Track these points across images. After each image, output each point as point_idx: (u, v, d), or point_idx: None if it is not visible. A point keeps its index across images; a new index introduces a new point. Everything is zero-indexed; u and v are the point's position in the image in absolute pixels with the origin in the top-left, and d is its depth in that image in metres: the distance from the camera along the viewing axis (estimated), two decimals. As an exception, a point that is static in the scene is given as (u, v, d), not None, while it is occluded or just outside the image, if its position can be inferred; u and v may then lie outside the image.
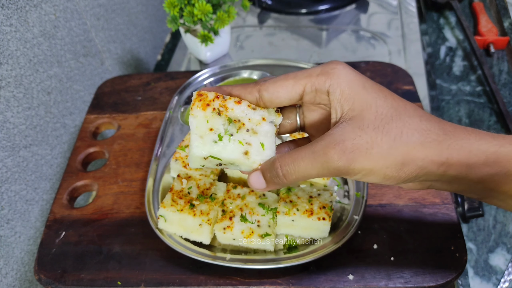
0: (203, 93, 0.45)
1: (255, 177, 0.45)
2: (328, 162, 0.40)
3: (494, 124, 1.01)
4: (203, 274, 0.64)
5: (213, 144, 0.44)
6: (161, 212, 0.65)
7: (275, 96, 0.44)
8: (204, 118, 0.44)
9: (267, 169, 0.44)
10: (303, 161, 0.41)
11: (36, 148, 0.83)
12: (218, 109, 0.44)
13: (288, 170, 0.42)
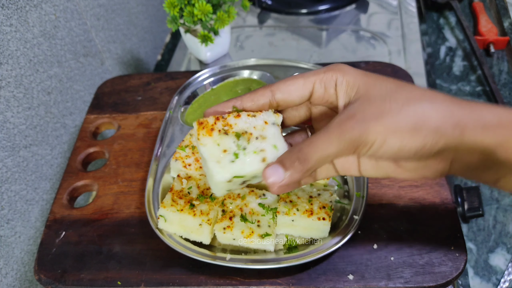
0: (203, 121, 0.46)
1: (272, 170, 0.42)
2: (343, 134, 0.40)
3: (494, 124, 1.01)
4: (203, 274, 0.64)
5: (232, 164, 0.44)
6: (161, 212, 0.65)
7: (287, 95, 0.46)
8: (214, 143, 0.44)
9: (286, 158, 0.43)
10: (320, 140, 0.41)
11: (36, 148, 0.83)
12: (223, 129, 0.45)
13: (307, 152, 0.42)
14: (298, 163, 0.42)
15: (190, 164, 0.72)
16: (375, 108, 0.40)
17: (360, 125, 0.40)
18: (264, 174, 0.42)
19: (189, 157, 0.73)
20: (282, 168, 0.42)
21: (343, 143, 0.41)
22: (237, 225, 0.63)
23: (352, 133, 0.40)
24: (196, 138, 0.45)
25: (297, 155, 0.42)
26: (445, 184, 0.72)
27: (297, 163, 0.42)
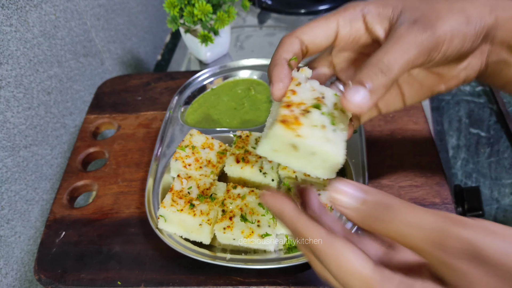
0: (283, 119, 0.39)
1: (353, 91, 0.37)
2: (417, 38, 0.38)
3: (494, 124, 1.01)
4: (203, 274, 0.64)
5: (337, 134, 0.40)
6: (161, 212, 0.65)
7: (314, 36, 0.43)
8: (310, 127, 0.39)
9: (365, 74, 0.38)
10: (397, 47, 0.38)
11: (36, 148, 0.83)
12: (303, 110, 0.40)
13: (388, 61, 0.38)
14: (382, 75, 0.38)
15: (190, 164, 0.72)
16: (430, 12, 0.40)
17: (431, 29, 0.39)
18: (345, 97, 0.37)
19: (189, 157, 0.73)
20: (363, 86, 0.38)
21: (420, 48, 0.39)
22: (237, 225, 0.63)
23: (426, 36, 0.39)
24: (293, 137, 0.38)
25: (378, 66, 0.38)
26: (445, 184, 0.72)
27: (381, 75, 0.38)
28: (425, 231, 0.29)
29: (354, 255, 0.31)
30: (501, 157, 0.99)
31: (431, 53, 0.40)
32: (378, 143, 0.80)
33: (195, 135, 0.77)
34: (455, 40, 0.40)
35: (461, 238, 0.28)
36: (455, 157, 1.05)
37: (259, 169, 0.70)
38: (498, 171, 0.98)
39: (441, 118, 1.09)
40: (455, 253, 0.28)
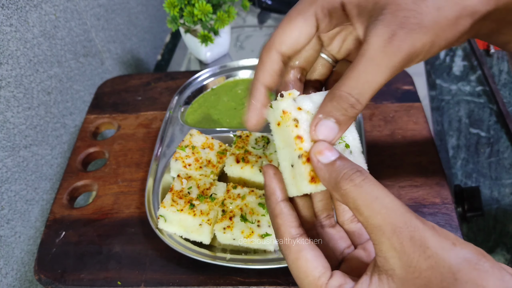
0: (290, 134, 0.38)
1: (324, 125, 0.36)
2: (393, 58, 0.35)
3: (494, 124, 1.01)
4: (203, 274, 0.64)
5: None
6: (161, 212, 0.65)
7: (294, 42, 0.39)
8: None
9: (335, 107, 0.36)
10: (367, 72, 0.35)
11: (36, 148, 0.83)
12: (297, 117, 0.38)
13: (358, 91, 0.35)
14: (351, 109, 0.35)
15: (190, 164, 0.72)
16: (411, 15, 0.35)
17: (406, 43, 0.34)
18: (315, 130, 0.36)
19: (189, 157, 0.73)
20: (333, 119, 0.36)
21: (395, 68, 0.35)
22: (237, 225, 0.63)
23: (402, 54, 0.35)
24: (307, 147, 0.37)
25: (348, 99, 0.35)
26: (445, 184, 0.72)
27: (351, 109, 0.35)
28: (390, 213, 0.31)
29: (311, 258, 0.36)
30: (501, 157, 0.99)
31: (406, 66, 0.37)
32: (378, 143, 0.80)
33: (195, 135, 0.77)
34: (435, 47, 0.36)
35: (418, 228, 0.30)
36: (455, 157, 1.05)
37: (259, 169, 0.70)
38: (498, 171, 0.98)
39: (441, 118, 1.09)
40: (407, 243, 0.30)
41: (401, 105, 0.86)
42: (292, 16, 0.39)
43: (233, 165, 0.70)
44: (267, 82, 0.40)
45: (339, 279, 0.35)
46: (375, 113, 0.85)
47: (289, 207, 0.38)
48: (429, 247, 0.30)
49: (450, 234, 0.31)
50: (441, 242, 0.30)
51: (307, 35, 0.39)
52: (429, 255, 0.30)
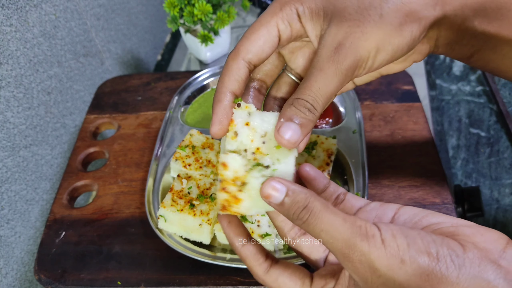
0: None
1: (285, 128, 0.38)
2: (339, 66, 0.38)
3: (494, 124, 1.01)
4: (203, 274, 0.64)
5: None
6: (161, 212, 0.65)
7: (259, 52, 0.41)
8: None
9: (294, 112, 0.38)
10: (319, 81, 0.38)
11: (36, 148, 0.83)
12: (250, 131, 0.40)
13: (312, 97, 0.38)
14: (309, 113, 0.38)
15: (190, 164, 0.72)
16: (355, 24, 0.38)
17: (351, 50, 0.37)
18: (279, 133, 0.38)
19: (189, 157, 0.73)
20: (294, 123, 0.38)
21: (343, 76, 0.38)
22: (237, 225, 0.63)
23: (347, 61, 0.38)
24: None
25: (304, 104, 0.38)
26: (445, 184, 0.72)
27: (308, 113, 0.38)
28: (336, 242, 0.34)
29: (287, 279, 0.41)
30: (501, 157, 0.99)
31: (354, 72, 0.39)
32: (378, 143, 0.80)
33: (195, 135, 0.77)
34: (382, 53, 0.39)
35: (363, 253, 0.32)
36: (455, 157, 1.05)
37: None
38: (498, 171, 0.98)
39: (441, 118, 1.09)
40: (358, 266, 0.33)
41: (401, 105, 0.86)
42: (255, 26, 0.41)
43: (233, 165, 0.70)
44: (233, 88, 0.41)
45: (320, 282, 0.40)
46: (375, 113, 0.85)
47: (252, 248, 0.42)
48: (377, 268, 0.32)
49: (401, 245, 0.32)
50: (388, 262, 0.31)
51: (271, 44, 0.41)
52: (379, 275, 0.32)
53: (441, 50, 0.45)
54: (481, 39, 0.42)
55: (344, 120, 0.81)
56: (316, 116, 0.39)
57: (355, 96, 0.85)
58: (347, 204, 0.44)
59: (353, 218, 0.34)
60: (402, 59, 0.46)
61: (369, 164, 0.75)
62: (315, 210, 0.35)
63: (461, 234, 0.33)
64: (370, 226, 0.34)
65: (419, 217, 0.38)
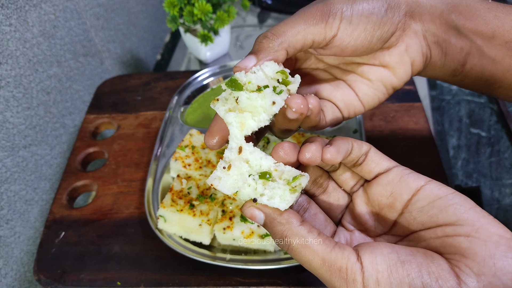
0: None
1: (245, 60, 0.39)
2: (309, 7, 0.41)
3: (495, 124, 1.00)
4: (203, 275, 0.64)
5: None
6: (161, 212, 0.65)
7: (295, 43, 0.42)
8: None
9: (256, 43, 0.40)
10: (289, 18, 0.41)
11: (35, 148, 0.83)
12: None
13: (275, 28, 0.40)
14: (266, 40, 0.39)
15: (189, 164, 0.72)
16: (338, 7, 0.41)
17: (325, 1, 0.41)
18: (237, 65, 0.39)
19: (188, 157, 0.73)
20: (254, 56, 0.39)
21: (311, 15, 0.40)
22: (237, 225, 0.63)
23: (318, 4, 0.40)
24: None
25: (265, 35, 0.40)
26: (445, 184, 0.72)
27: (266, 41, 0.39)
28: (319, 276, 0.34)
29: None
30: (501, 157, 0.99)
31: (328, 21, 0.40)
32: (378, 143, 0.80)
33: (194, 135, 0.76)
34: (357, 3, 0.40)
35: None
36: (455, 157, 1.05)
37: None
38: (498, 171, 0.98)
39: (441, 118, 1.09)
40: None
41: (401, 105, 0.86)
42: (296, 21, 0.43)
43: (233, 165, 0.70)
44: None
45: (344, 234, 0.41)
46: (376, 113, 0.85)
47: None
48: None
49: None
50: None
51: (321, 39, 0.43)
52: None
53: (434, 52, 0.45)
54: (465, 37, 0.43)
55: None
56: (276, 44, 0.39)
57: (355, 96, 0.85)
58: (364, 168, 0.41)
59: (333, 258, 0.33)
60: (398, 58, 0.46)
61: (370, 164, 0.75)
62: (292, 247, 0.35)
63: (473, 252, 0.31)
64: (352, 266, 0.32)
65: (438, 208, 0.35)
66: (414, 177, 0.38)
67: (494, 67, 0.44)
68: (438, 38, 0.44)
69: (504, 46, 0.43)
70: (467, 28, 0.43)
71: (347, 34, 0.41)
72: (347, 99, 0.47)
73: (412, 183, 0.37)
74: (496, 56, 0.44)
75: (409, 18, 0.43)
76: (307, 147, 0.37)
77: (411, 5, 0.43)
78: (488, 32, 0.43)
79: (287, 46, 0.40)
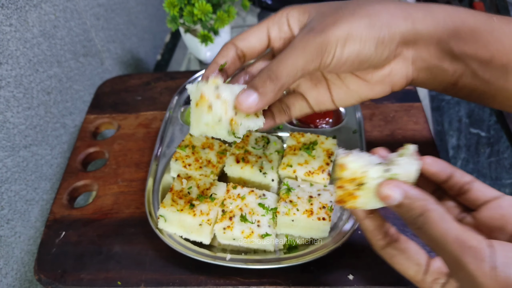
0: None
1: (245, 95, 0.43)
2: (308, 45, 0.42)
3: (494, 124, 1.01)
4: (203, 274, 0.64)
5: None
6: (161, 212, 0.65)
7: (247, 42, 0.48)
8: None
9: (257, 80, 0.43)
10: (287, 56, 0.43)
11: (36, 148, 0.83)
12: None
13: (277, 69, 0.43)
14: (269, 82, 0.43)
15: (190, 164, 0.72)
16: (330, 18, 0.43)
17: (320, 34, 0.42)
18: (238, 100, 0.43)
19: (189, 157, 0.73)
20: (254, 91, 0.43)
21: (309, 53, 0.42)
22: (237, 225, 0.63)
23: (315, 41, 0.42)
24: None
25: (268, 74, 0.43)
26: (445, 184, 0.72)
27: (269, 82, 0.43)
28: (446, 255, 0.36)
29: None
30: (501, 157, 0.99)
31: (323, 57, 0.43)
32: (378, 143, 0.80)
33: (195, 135, 0.76)
34: (350, 43, 0.42)
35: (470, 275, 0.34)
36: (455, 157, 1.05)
37: (259, 169, 0.70)
38: (498, 171, 0.98)
39: (441, 118, 1.09)
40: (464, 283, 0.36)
41: (401, 105, 0.86)
42: (252, 27, 0.49)
43: (233, 165, 0.70)
44: (221, 62, 0.48)
45: (433, 274, 0.43)
46: (375, 113, 0.85)
47: (371, 223, 0.45)
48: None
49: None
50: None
51: (260, 39, 0.48)
52: None
53: (422, 75, 0.48)
54: (461, 61, 0.45)
55: (344, 120, 0.81)
56: (277, 86, 0.43)
57: (355, 96, 0.85)
58: (470, 196, 0.44)
59: (466, 237, 0.35)
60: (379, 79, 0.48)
61: (369, 164, 0.75)
62: (430, 220, 0.37)
63: None
64: (484, 247, 0.34)
65: None
66: None
67: (487, 87, 0.46)
68: (428, 64, 0.46)
69: (500, 69, 0.44)
70: (466, 53, 0.44)
71: (338, 67, 0.45)
72: (321, 99, 0.52)
73: None
74: (490, 78, 0.45)
75: (402, 46, 0.45)
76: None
77: (407, 35, 0.44)
78: (486, 56, 0.44)
79: (286, 87, 0.44)
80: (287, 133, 0.78)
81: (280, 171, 0.71)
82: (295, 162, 0.70)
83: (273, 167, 0.71)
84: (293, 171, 0.69)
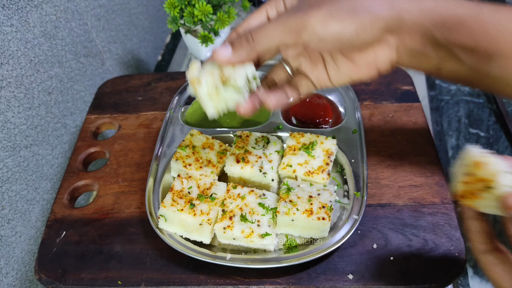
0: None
1: (222, 48, 0.48)
2: (288, 20, 0.46)
3: (494, 124, 1.01)
4: (203, 274, 0.64)
5: None
6: (162, 212, 0.66)
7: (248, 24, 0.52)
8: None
9: (236, 39, 0.48)
10: (268, 26, 0.48)
11: (37, 148, 0.83)
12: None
13: (255, 34, 0.48)
14: (246, 43, 0.48)
15: (190, 164, 0.72)
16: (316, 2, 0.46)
17: (302, 13, 0.46)
18: (215, 51, 0.48)
19: (189, 157, 0.73)
20: (231, 46, 0.48)
21: (287, 28, 0.46)
22: (237, 225, 0.63)
23: (296, 19, 0.46)
24: None
25: (247, 36, 0.48)
26: (445, 184, 0.72)
27: (245, 43, 0.48)
28: None
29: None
30: (500, 157, 0.99)
31: (300, 33, 0.46)
32: (378, 143, 0.80)
33: (195, 135, 0.77)
34: (330, 23, 0.45)
35: None
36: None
37: (259, 169, 0.70)
38: (497, 171, 0.98)
39: (440, 118, 1.09)
40: None
41: (400, 105, 0.86)
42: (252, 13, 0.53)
43: (233, 165, 0.71)
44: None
45: None
46: (375, 113, 0.85)
47: (478, 224, 0.47)
48: None
49: None
50: None
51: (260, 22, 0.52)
52: None
53: (406, 60, 0.50)
54: (445, 49, 0.46)
55: (344, 120, 0.81)
56: (251, 48, 0.48)
57: (354, 96, 0.85)
58: None
59: None
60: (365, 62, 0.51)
61: (369, 164, 0.75)
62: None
63: None
64: None
65: None
66: None
67: (472, 72, 0.47)
68: (412, 51, 0.48)
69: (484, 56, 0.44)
70: (450, 41, 0.45)
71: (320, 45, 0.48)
72: (320, 77, 0.55)
73: None
74: (475, 64, 0.46)
75: (386, 32, 0.47)
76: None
77: (392, 23, 0.46)
78: (471, 44, 0.45)
79: (260, 52, 0.48)
80: (287, 133, 0.79)
81: (280, 171, 0.71)
82: (295, 162, 0.70)
83: (273, 167, 0.71)
84: (293, 171, 0.70)
